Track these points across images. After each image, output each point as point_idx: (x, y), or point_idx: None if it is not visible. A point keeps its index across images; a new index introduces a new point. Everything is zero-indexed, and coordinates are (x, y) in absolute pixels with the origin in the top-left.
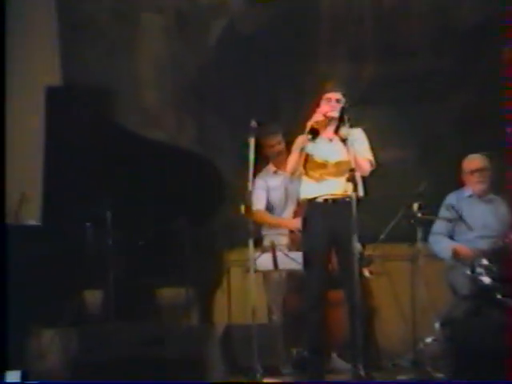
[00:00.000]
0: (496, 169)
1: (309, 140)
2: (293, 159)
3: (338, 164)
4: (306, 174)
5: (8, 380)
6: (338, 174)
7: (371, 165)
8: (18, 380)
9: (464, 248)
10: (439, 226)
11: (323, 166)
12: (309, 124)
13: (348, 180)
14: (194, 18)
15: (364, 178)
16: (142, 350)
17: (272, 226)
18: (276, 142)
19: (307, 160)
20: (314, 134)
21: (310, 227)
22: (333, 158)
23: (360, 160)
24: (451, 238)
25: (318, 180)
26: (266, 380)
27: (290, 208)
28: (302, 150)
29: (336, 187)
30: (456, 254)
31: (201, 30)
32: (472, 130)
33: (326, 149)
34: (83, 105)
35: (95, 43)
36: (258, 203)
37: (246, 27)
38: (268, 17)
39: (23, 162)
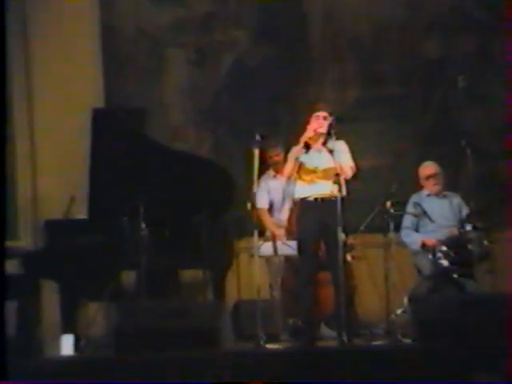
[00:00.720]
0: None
1: (302, 152)
2: (289, 167)
3: (325, 170)
4: (300, 178)
5: (63, 342)
6: (325, 178)
7: (353, 170)
8: (71, 342)
9: (429, 239)
10: (407, 220)
11: (313, 171)
12: (302, 139)
13: (334, 183)
14: (209, 52)
15: (347, 181)
16: (166, 321)
17: (268, 227)
18: (275, 153)
19: (300, 167)
20: (307, 147)
21: (303, 221)
22: (321, 166)
23: (344, 167)
24: (416, 229)
25: (309, 183)
26: (268, 345)
27: (287, 205)
28: (297, 159)
29: (324, 188)
30: (424, 245)
31: (215, 62)
32: (431, 142)
33: (316, 158)
34: (121, 123)
35: (132, 73)
36: (261, 202)
37: (251, 60)
38: (269, 51)
39: (72, 171)
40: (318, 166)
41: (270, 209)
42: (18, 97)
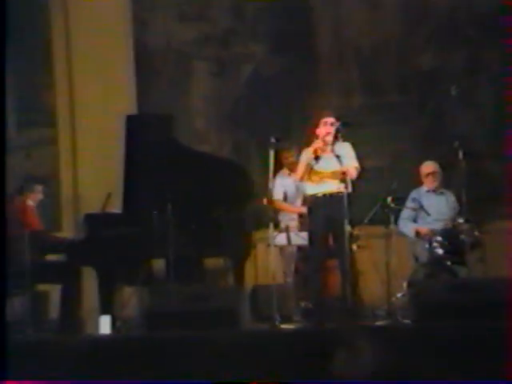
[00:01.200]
0: (443, 171)
1: (313, 159)
2: (301, 170)
3: (333, 172)
4: (310, 179)
5: (101, 322)
6: (333, 178)
7: (357, 170)
8: (108, 322)
9: (423, 228)
10: (406, 213)
11: (322, 173)
12: (312, 147)
13: (341, 181)
14: (229, 64)
15: (352, 180)
16: (192, 303)
17: (287, 211)
18: (289, 154)
19: (311, 171)
20: (317, 155)
21: (313, 214)
22: (329, 169)
23: (349, 168)
24: (415, 221)
25: (318, 183)
26: (282, 326)
27: (299, 200)
28: (308, 165)
29: (331, 187)
30: (417, 233)
31: (234, 73)
32: (427, 144)
33: (325, 162)
34: (152, 128)
35: (161, 83)
36: (277, 194)
37: (266, 70)
38: (282, 63)
39: (108, 170)
40: (326, 169)
41: (284, 202)
42: (61, 103)
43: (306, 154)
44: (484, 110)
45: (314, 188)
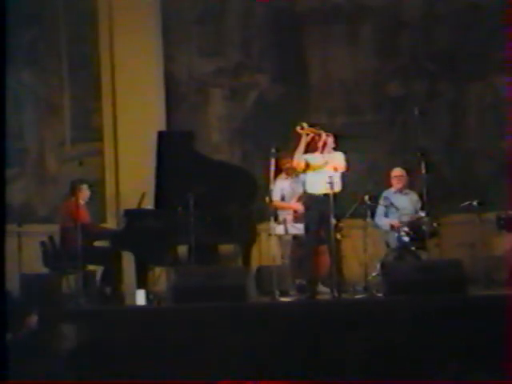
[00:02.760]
0: (408, 175)
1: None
2: (297, 160)
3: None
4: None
5: (137, 295)
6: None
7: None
8: (143, 295)
9: (395, 222)
10: (380, 209)
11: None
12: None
13: (327, 183)
14: (239, 90)
15: (336, 182)
16: (209, 280)
17: (284, 209)
18: (286, 161)
19: (309, 166)
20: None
21: (308, 209)
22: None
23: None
24: (386, 215)
25: (316, 170)
26: (281, 299)
27: (295, 199)
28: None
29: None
30: (392, 227)
31: (243, 98)
32: (396, 154)
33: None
34: (177, 141)
35: (184, 105)
36: (275, 196)
37: (269, 96)
38: (282, 90)
39: (143, 174)
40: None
41: (282, 201)
42: (106, 123)
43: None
44: (440, 127)
45: (308, 187)
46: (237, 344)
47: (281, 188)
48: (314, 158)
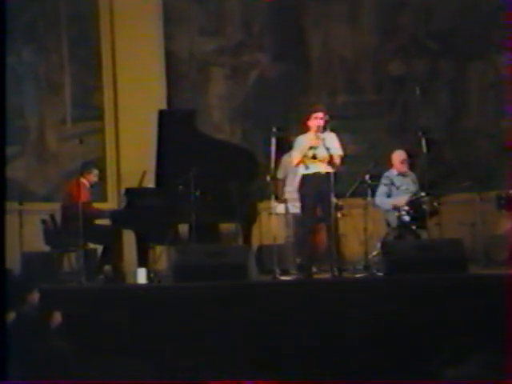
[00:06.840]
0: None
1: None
2: (296, 159)
3: (323, 158)
4: (303, 162)
5: (138, 274)
6: (322, 162)
7: (341, 158)
8: (144, 274)
9: (397, 202)
10: (381, 189)
11: (314, 160)
12: (306, 145)
13: (328, 164)
14: (239, 69)
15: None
16: (210, 259)
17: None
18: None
19: (305, 158)
20: (311, 147)
21: (304, 189)
22: (320, 157)
23: (335, 156)
24: (388, 195)
25: (310, 165)
26: (281, 277)
27: (297, 178)
28: (305, 156)
29: (321, 168)
30: (394, 205)
31: (244, 76)
32: (396, 134)
33: (316, 152)
34: (178, 120)
35: (185, 84)
36: (280, 174)
37: (269, 74)
38: (282, 68)
39: (144, 153)
40: (318, 157)
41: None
42: (107, 101)
43: (303, 149)
44: (441, 107)
45: (306, 169)
46: (237, 322)
47: (284, 165)
48: (311, 151)
